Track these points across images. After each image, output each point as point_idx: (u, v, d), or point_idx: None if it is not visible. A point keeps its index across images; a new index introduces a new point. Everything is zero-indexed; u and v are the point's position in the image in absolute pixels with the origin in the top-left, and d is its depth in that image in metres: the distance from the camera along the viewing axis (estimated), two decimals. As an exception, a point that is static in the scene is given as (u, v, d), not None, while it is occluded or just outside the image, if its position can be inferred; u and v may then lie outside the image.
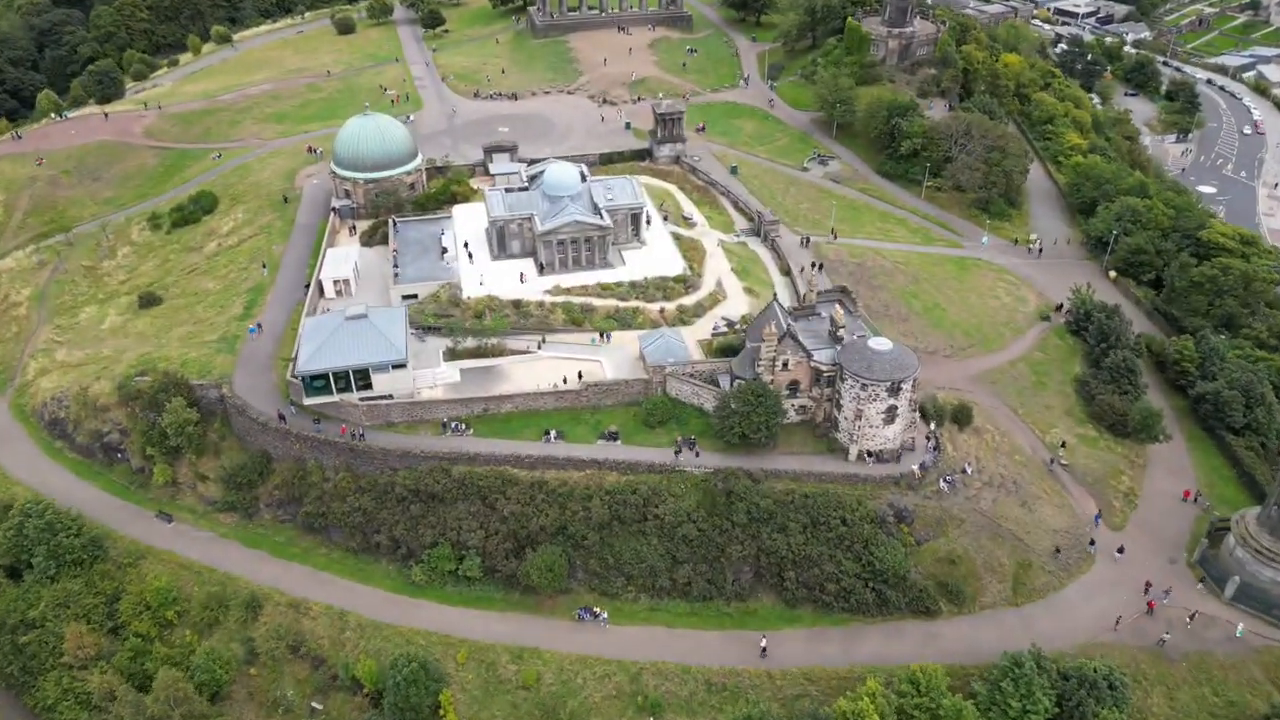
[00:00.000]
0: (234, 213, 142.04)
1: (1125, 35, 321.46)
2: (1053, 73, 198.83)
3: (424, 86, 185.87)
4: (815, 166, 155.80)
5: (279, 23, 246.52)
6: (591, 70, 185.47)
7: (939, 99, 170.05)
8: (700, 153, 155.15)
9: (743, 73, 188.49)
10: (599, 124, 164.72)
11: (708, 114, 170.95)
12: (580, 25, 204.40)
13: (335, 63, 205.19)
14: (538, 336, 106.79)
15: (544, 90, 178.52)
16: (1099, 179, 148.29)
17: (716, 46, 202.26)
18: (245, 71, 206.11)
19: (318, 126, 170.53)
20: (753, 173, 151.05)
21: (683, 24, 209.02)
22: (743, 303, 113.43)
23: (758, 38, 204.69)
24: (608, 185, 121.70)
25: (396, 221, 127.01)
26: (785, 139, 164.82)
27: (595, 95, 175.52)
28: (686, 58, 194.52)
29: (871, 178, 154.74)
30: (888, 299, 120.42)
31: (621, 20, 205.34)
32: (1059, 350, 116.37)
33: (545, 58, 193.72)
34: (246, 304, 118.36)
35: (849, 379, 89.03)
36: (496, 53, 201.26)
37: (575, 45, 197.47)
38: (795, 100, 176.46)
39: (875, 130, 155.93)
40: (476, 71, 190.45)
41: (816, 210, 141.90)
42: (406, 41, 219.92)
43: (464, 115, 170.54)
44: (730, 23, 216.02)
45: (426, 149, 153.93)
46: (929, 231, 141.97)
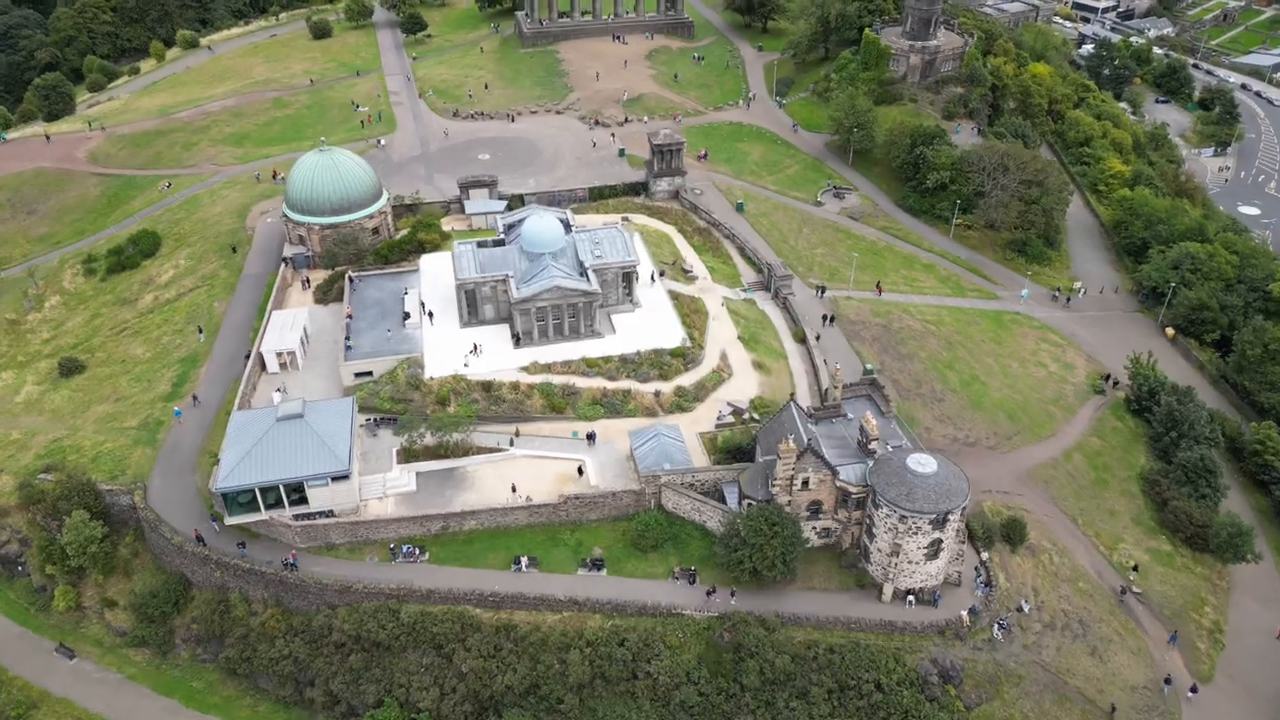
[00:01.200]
0: (176, 257, 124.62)
1: (1147, 31, 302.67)
2: (1087, 86, 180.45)
3: (399, 103, 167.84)
4: (830, 200, 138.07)
5: (252, 25, 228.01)
6: (583, 86, 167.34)
7: (966, 120, 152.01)
8: (702, 185, 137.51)
9: (748, 89, 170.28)
10: (590, 150, 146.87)
11: (710, 137, 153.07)
12: (572, 33, 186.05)
13: (306, 73, 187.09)
14: (511, 427, 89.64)
15: (530, 109, 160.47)
16: (1149, 217, 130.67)
17: (720, 56, 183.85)
18: (208, 82, 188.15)
19: (280, 150, 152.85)
20: (761, 209, 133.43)
21: (683, 32, 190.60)
22: (751, 381, 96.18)
23: (764, 47, 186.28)
24: (595, 238, 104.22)
25: (353, 278, 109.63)
26: (796, 167, 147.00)
27: (586, 116, 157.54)
28: (689, 68, 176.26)
29: (893, 213, 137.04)
30: (919, 371, 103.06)
31: (617, 28, 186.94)
32: (1119, 435, 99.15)
33: (533, 70, 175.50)
34: (176, 378, 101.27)
35: (884, 506, 71.95)
36: (480, 63, 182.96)
37: (566, 56, 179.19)
38: (807, 120, 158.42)
39: (897, 159, 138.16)
40: (458, 86, 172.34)
41: (833, 255, 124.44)
42: (385, 48, 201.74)
43: (441, 139, 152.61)
44: (735, 29, 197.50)
45: (397, 180, 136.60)
46: (960, 279, 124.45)
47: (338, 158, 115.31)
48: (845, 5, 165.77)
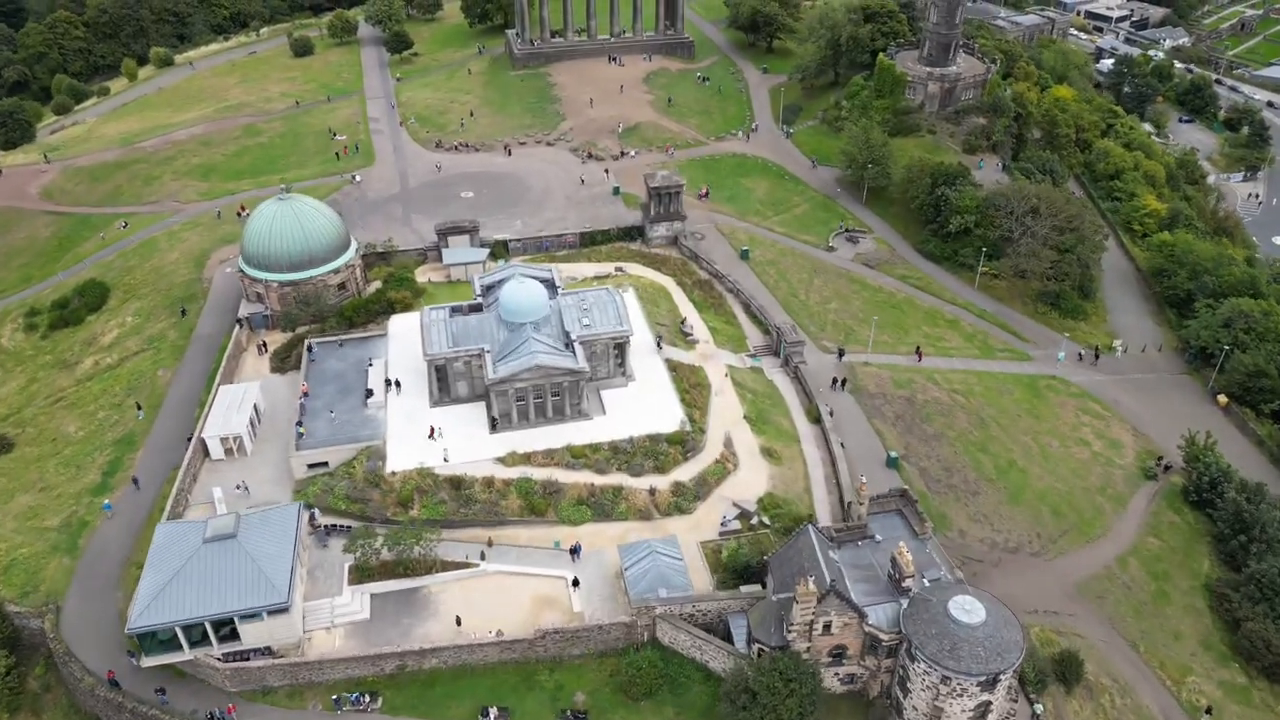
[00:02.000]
0: (124, 313, 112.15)
1: (1162, 41, 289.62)
2: (1114, 111, 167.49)
3: (379, 131, 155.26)
4: (843, 245, 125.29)
5: (231, 41, 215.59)
6: (576, 113, 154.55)
7: (989, 154, 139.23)
8: (703, 227, 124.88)
9: (752, 116, 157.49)
10: (581, 187, 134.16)
11: (712, 171, 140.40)
12: (565, 54, 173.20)
13: (284, 95, 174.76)
14: (483, 534, 77.10)
15: (519, 140, 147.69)
16: (1194, 266, 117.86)
17: (723, 79, 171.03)
18: (180, 105, 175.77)
19: (248, 184, 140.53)
20: (767, 255, 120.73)
21: (683, 52, 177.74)
22: (760, 474, 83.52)
23: (769, 68, 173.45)
24: (584, 303, 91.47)
25: (312, 345, 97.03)
26: (805, 205, 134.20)
27: (579, 148, 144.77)
28: (689, 93, 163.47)
29: (912, 259, 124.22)
30: (949, 456, 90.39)
31: (613, 49, 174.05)
32: (1178, 534, 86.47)
33: (523, 96, 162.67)
34: (109, 464, 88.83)
35: (922, 662, 59.34)
36: (468, 87, 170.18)
37: (558, 79, 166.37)
38: (816, 151, 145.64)
39: (916, 200, 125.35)
40: (442, 112, 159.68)
41: (847, 310, 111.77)
42: (369, 67, 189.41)
43: (422, 174, 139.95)
44: (738, 49, 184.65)
45: (373, 221, 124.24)
46: (988, 336, 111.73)
47: (299, 207, 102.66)
48: (856, 27, 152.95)
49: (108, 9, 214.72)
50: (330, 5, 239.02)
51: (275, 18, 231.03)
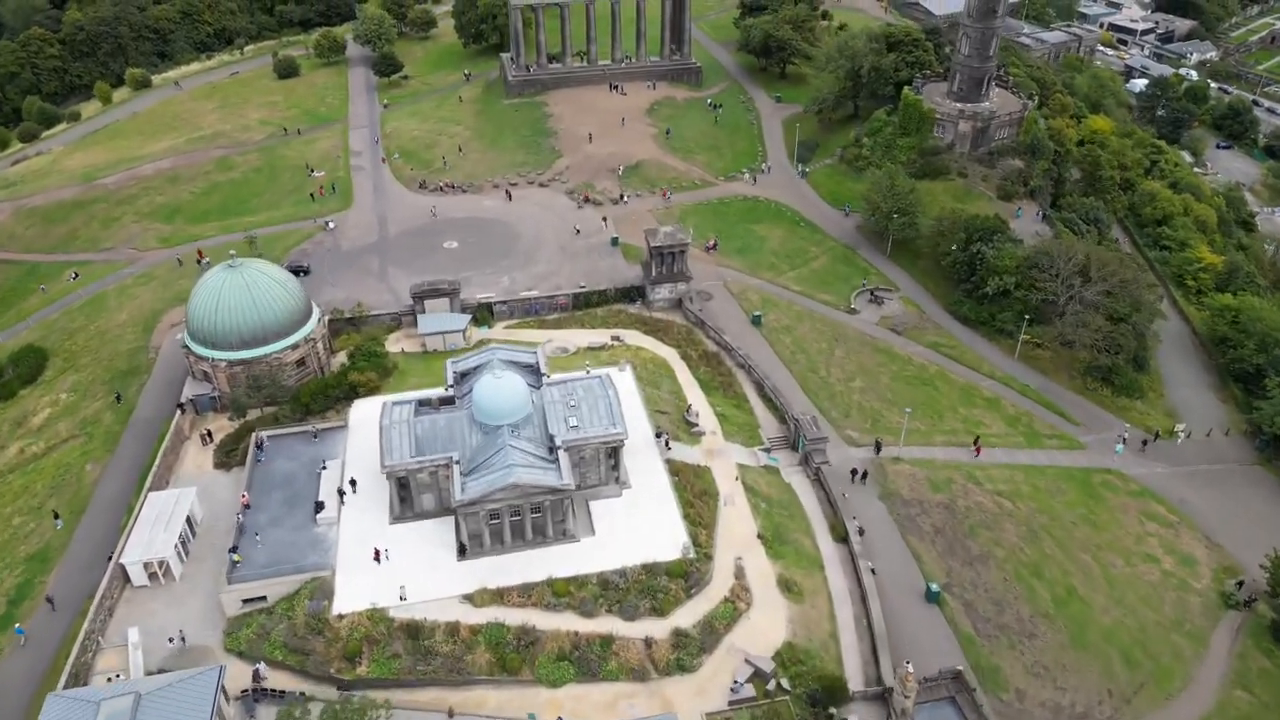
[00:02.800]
0: (60, 386, 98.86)
1: (1189, 55, 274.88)
2: (1158, 147, 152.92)
3: (360, 168, 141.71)
4: (866, 306, 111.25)
5: (214, 60, 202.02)
6: (573, 149, 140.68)
7: (1027, 200, 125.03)
8: (711, 285, 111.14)
9: (764, 152, 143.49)
10: (577, 237, 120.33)
11: (720, 217, 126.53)
12: (563, 81, 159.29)
13: (262, 123, 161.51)
14: (443, 700, 63.45)
15: (510, 181, 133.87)
16: (1262, 336, 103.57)
17: (733, 109, 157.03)
18: (151, 133, 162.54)
19: (213, 229, 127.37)
20: (783, 319, 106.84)
21: (690, 79, 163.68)
22: (778, 615, 69.67)
23: (782, 97, 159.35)
24: (572, 397, 77.72)
25: (262, 440, 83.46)
26: (823, 257, 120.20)
27: (575, 190, 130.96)
28: (695, 126, 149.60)
29: (944, 322, 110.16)
30: (997, 584, 76.39)
31: (615, 76, 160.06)
32: (1270, 685, 72.36)
33: (516, 128, 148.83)
34: (17, 588, 75.57)
35: None
36: (458, 116, 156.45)
37: (555, 110, 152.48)
38: (834, 194, 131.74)
39: (949, 257, 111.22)
40: (430, 145, 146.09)
41: (874, 389, 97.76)
42: (356, 91, 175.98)
43: (404, 219, 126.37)
44: (749, 74, 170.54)
45: (345, 276, 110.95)
46: (1032, 419, 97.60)
47: (251, 276, 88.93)
48: (879, 58, 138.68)
49: (84, 26, 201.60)
50: (321, 20, 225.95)
51: (262, 34, 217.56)
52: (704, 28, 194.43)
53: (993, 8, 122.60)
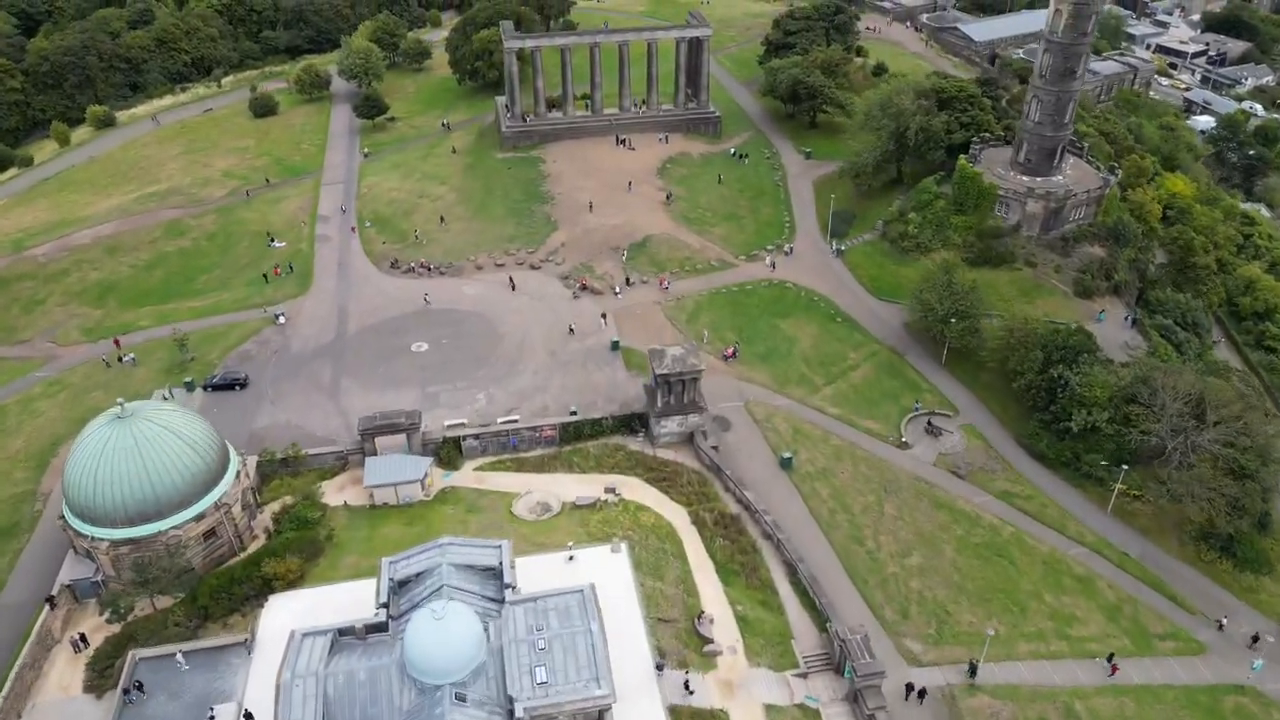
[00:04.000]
0: (-80, 547, 78.18)
1: (1244, 80, 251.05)
2: (1249, 216, 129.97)
3: (326, 238, 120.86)
4: (920, 439, 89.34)
5: (187, 94, 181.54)
6: (571, 220, 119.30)
7: (1109, 299, 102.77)
8: (730, 407, 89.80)
9: (793, 225, 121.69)
10: (570, 338, 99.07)
11: (742, 309, 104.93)
12: (564, 133, 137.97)
13: (226, 175, 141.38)
14: None
15: (496, 261, 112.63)
16: None
17: (756, 165, 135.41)
18: (104, 185, 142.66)
19: (147, 317, 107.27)
20: (818, 459, 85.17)
21: (708, 129, 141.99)
22: None
23: (813, 153, 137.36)
24: (542, 630, 56.36)
25: (139, 659, 62.58)
26: (865, 365, 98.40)
27: (571, 274, 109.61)
28: (714, 189, 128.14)
29: (1016, 458, 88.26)
30: None
31: (622, 126, 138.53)
32: None
33: (508, 191, 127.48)
34: None
35: None
36: (444, 172, 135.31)
37: (554, 168, 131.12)
38: (876, 280, 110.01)
39: (1023, 379, 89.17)
40: (408, 211, 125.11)
41: (936, 568, 75.96)
42: (337, 135, 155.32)
43: (368, 309, 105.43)
44: (774, 121, 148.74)
45: (288, 391, 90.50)
46: (1138, 609, 75.56)
47: (143, 432, 68.07)
48: (928, 117, 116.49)
49: (49, 56, 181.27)
50: (310, 48, 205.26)
51: (245, 63, 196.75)
52: (724, 63, 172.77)
53: (1071, 69, 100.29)
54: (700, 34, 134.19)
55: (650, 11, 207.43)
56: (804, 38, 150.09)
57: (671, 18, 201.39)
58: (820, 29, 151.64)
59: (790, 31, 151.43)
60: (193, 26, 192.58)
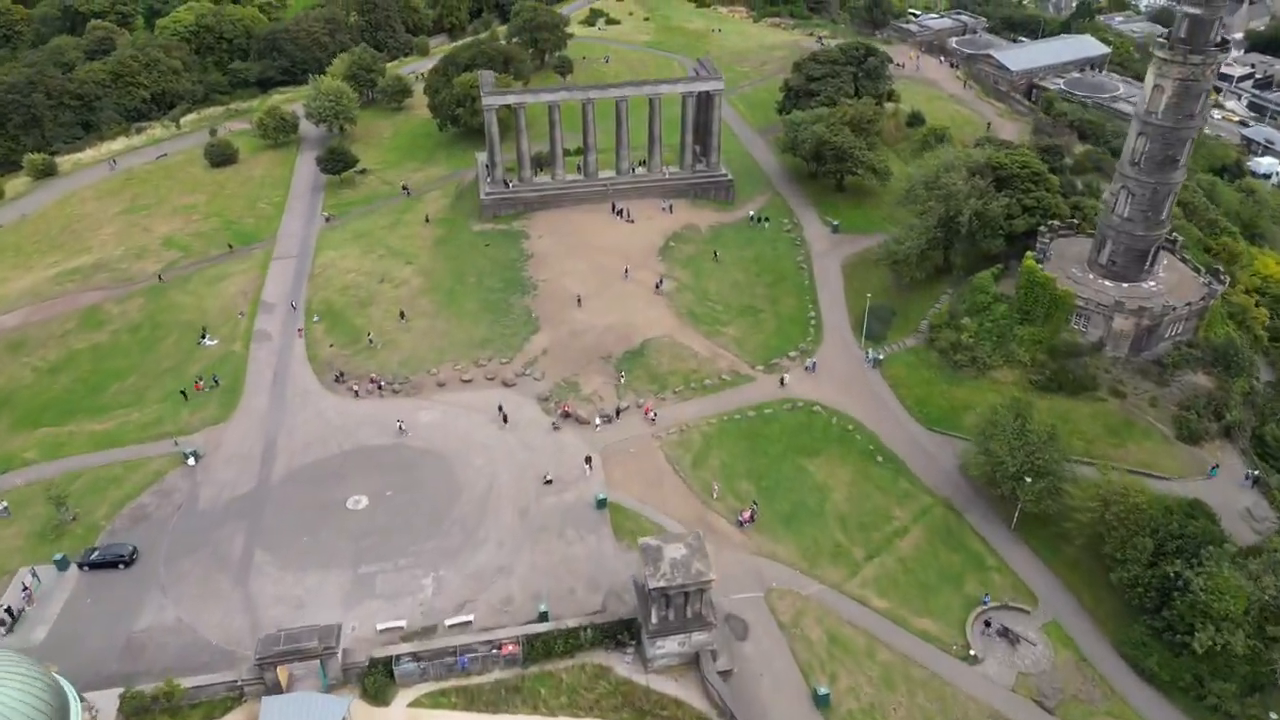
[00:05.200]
0: None
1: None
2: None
3: (265, 336, 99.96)
4: (992, 649, 67.86)
5: (143, 135, 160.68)
6: (555, 318, 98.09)
7: (1220, 441, 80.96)
8: (746, 600, 68.67)
9: (817, 320, 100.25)
10: (546, 491, 77.83)
11: (759, 445, 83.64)
12: (552, 200, 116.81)
13: (168, 243, 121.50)
14: None
15: (463, 375, 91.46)
16: None
17: (774, 238, 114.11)
18: (27, 254, 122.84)
19: (33, 447, 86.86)
20: (862, 690, 64.02)
21: (719, 195, 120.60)
22: None
23: (841, 225, 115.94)
24: None
25: None
26: (916, 528, 77.02)
27: (553, 395, 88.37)
28: (730, 268, 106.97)
29: (1119, 678, 66.80)
30: None
31: (620, 192, 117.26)
32: None
33: (483, 278, 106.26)
34: None
35: None
36: (412, 247, 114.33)
37: (538, 246, 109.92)
38: (923, 402, 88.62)
39: (1124, 570, 67.62)
40: (365, 300, 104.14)
41: None
42: (300, 190, 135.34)
43: (303, 443, 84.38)
44: (795, 181, 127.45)
45: (183, 570, 71.41)
46: None
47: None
48: (985, 200, 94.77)
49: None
50: (284, 79, 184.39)
51: (211, 98, 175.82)
52: (736, 105, 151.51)
53: (1173, 157, 78.71)
54: (710, 88, 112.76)
55: (656, 41, 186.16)
56: (829, 84, 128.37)
57: (679, 48, 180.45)
58: (848, 74, 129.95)
59: (814, 77, 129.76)
60: (153, 59, 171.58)
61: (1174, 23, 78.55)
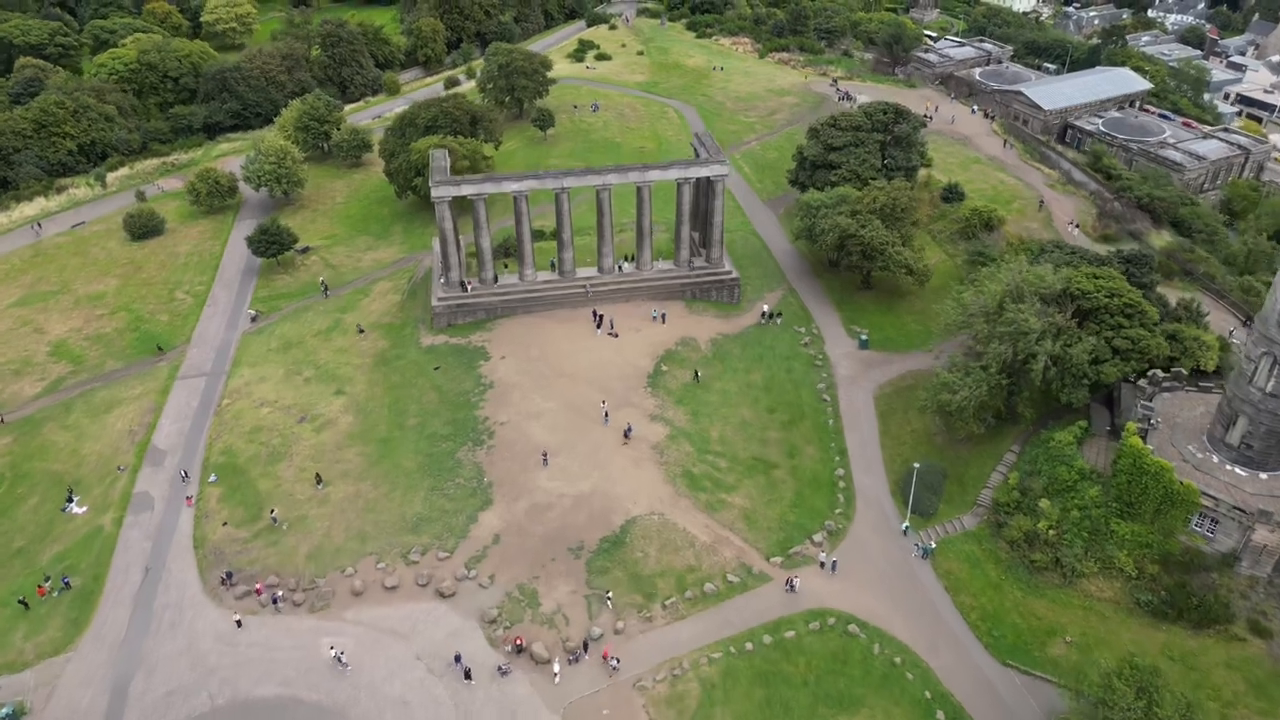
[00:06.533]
0: None
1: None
2: None
3: (145, 503, 77.50)
4: None
5: (61, 196, 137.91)
6: (513, 483, 75.31)
7: (1406, 708, 58.26)
8: None
9: (848, 485, 77.38)
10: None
11: (778, 696, 60.99)
12: (519, 305, 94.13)
13: (56, 351, 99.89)
14: None
15: (388, 579, 68.64)
16: None
17: (789, 353, 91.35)
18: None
19: None
20: None
21: (723, 295, 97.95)
22: None
23: (870, 338, 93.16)
24: None
25: None
26: (994, 838, 54.16)
27: (500, 611, 65.61)
28: (736, 402, 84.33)
29: None
30: None
31: (602, 294, 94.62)
32: None
33: (426, 421, 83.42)
34: None
35: None
36: (345, 369, 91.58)
37: (498, 373, 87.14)
38: (994, 621, 66.08)
39: None
40: (276, 453, 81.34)
41: None
42: (229, 274, 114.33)
43: (161, 699, 61.78)
44: (811, 271, 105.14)
45: None
46: None
47: None
48: (1065, 343, 71.96)
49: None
50: (236, 124, 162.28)
51: (149, 147, 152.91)
52: (740, 166, 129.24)
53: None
54: (711, 173, 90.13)
55: (651, 83, 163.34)
56: (852, 156, 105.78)
57: (677, 90, 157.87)
58: (873, 143, 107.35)
59: (833, 146, 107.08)
60: (82, 104, 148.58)
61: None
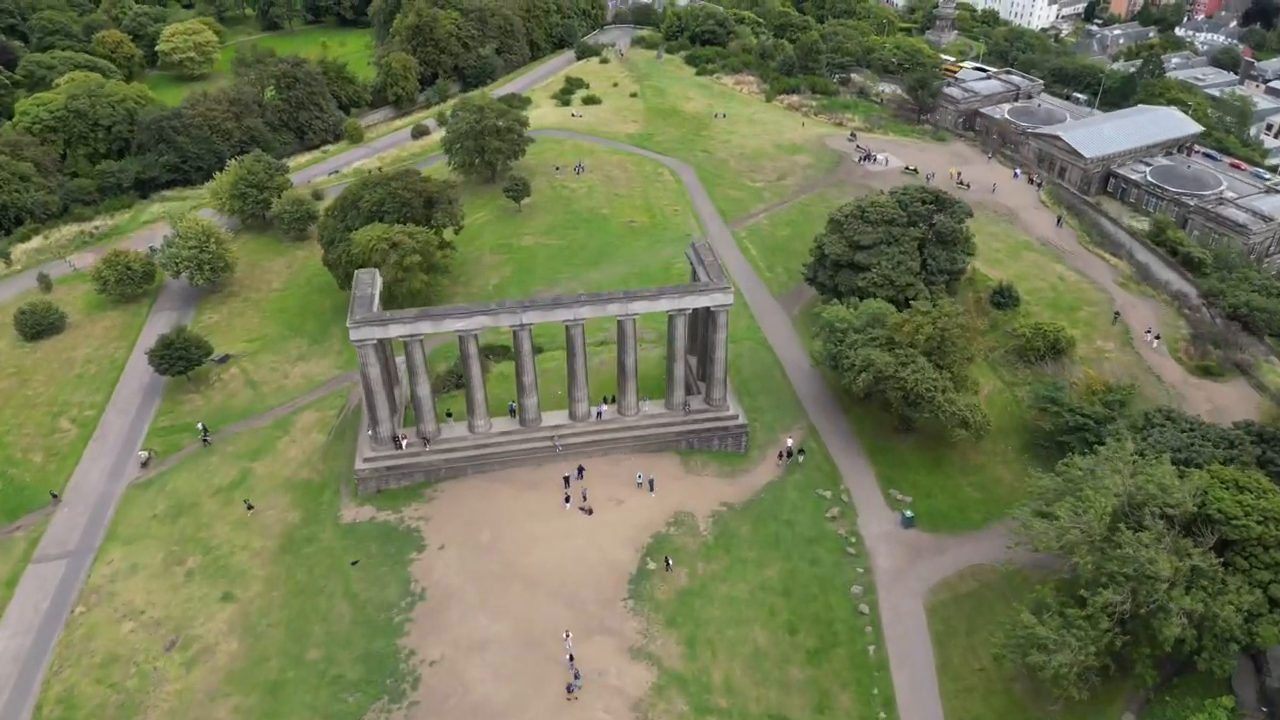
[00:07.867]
0: None
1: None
2: None
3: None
4: None
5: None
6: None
7: None
8: None
9: None
10: None
11: None
12: (466, 465, 72.51)
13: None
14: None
15: None
16: None
17: (809, 525, 69.80)
18: None
19: None
20: None
21: (727, 444, 76.22)
22: None
23: (915, 514, 71.64)
24: None
25: None
26: None
27: None
28: (749, 604, 62.59)
29: None
30: None
31: (575, 447, 73.07)
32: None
33: (332, 654, 61.77)
34: None
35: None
36: (241, 558, 70.09)
37: (433, 573, 65.55)
38: None
39: None
40: (130, 700, 59.85)
41: None
42: (127, 394, 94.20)
43: None
44: (834, 404, 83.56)
45: None
46: None
47: None
48: (1212, 592, 50.25)
49: None
50: (175, 180, 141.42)
51: (70, 211, 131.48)
52: (745, 246, 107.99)
53: None
54: (713, 303, 68.72)
55: (645, 135, 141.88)
56: (884, 256, 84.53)
57: (674, 144, 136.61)
58: (910, 241, 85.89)
59: (861, 245, 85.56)
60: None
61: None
